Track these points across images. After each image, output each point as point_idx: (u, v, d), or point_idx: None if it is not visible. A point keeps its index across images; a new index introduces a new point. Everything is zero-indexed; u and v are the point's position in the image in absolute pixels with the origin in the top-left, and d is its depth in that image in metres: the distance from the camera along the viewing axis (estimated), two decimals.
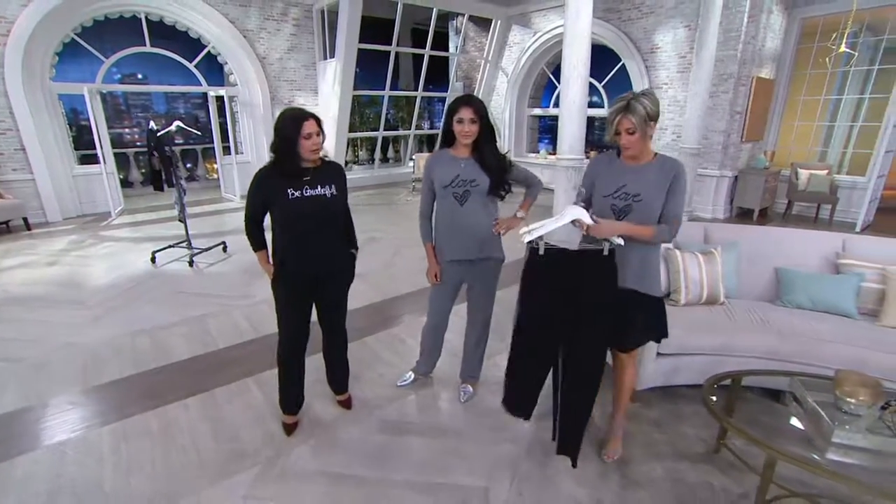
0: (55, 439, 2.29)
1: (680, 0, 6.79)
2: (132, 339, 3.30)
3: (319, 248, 2.12)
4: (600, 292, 1.82)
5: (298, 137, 1.92)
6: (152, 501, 1.93)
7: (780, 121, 7.30)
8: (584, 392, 1.96)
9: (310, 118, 1.95)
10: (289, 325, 2.20)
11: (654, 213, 1.81)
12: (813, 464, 1.63)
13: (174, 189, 4.78)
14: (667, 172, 1.80)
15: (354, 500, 1.92)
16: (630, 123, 1.71)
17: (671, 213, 1.81)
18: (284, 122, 1.94)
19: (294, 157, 1.97)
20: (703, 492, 1.97)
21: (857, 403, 1.73)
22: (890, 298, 2.44)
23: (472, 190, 2.19)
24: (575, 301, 1.84)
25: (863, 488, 1.55)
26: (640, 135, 1.73)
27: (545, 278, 1.88)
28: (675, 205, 1.81)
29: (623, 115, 1.71)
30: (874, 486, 1.53)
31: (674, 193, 1.79)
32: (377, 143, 9.86)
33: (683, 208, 1.87)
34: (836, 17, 5.98)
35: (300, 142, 1.93)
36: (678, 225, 1.84)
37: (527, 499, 1.93)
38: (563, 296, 1.85)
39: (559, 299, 1.86)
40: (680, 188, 1.80)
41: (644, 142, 1.77)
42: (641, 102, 1.68)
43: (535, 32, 9.11)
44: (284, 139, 1.93)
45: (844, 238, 2.77)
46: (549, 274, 1.86)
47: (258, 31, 7.84)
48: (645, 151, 1.83)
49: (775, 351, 2.37)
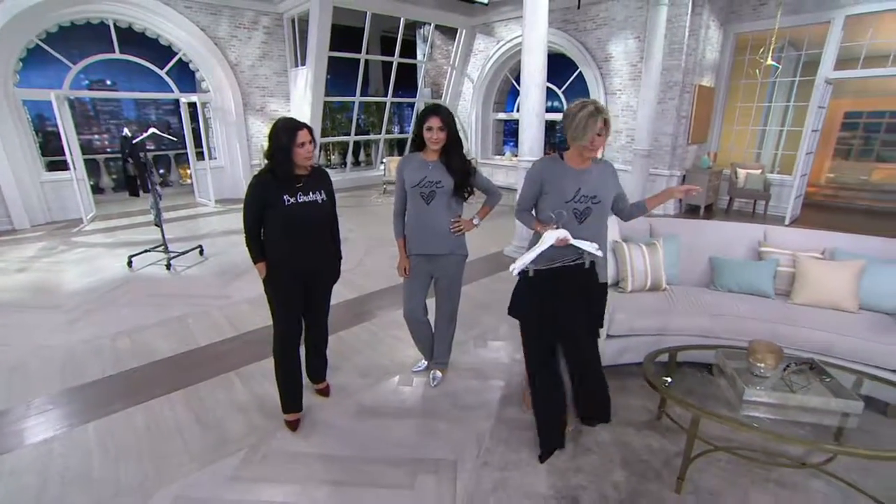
0: (39, 437, 2.36)
1: (629, 14, 7.27)
2: (112, 340, 3.37)
3: (312, 249, 2.28)
4: (587, 297, 2.10)
5: (293, 146, 2.08)
6: (142, 486, 2.05)
7: (720, 125, 7.90)
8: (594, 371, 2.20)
9: (303, 128, 2.10)
10: (285, 323, 2.33)
11: (608, 211, 2.08)
12: (728, 418, 1.93)
13: (150, 194, 4.82)
14: (610, 172, 2.10)
15: (335, 478, 2.10)
16: (606, 131, 1.94)
17: (625, 200, 2.21)
18: (279, 132, 2.07)
19: (289, 165, 2.12)
20: (644, 453, 2.26)
21: (765, 367, 2.05)
22: (799, 280, 2.82)
23: (438, 190, 2.42)
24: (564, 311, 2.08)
25: (767, 434, 1.87)
26: (601, 144, 1.97)
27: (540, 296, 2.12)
28: (624, 196, 2.20)
29: (600, 117, 1.91)
30: (774, 432, 1.85)
31: (618, 187, 2.17)
32: (349, 147, 10.01)
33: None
34: (763, 34, 6.57)
35: (295, 150, 2.09)
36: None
37: (491, 467, 2.16)
38: (553, 309, 2.09)
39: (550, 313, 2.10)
40: (618, 182, 2.17)
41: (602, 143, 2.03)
42: (605, 110, 1.94)
43: (499, 41, 9.48)
44: (280, 148, 2.08)
45: (766, 229, 3.15)
46: (543, 292, 2.11)
47: (229, 38, 7.89)
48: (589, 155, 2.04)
49: (708, 329, 2.70)
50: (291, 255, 2.24)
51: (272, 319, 2.35)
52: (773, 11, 6.21)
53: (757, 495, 1.99)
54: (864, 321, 2.60)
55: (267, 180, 2.14)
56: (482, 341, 3.32)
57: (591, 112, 1.90)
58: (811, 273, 2.79)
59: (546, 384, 2.19)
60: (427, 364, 2.95)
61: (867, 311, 2.69)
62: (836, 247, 2.91)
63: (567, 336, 2.14)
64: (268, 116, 8.65)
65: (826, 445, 1.87)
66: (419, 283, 2.63)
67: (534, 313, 2.16)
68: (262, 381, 2.86)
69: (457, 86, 10.50)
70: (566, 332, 2.13)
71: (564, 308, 2.09)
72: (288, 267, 2.25)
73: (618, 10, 7.35)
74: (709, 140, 7.83)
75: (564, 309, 2.09)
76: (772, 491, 2.02)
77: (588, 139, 1.94)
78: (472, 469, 2.15)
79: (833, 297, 2.71)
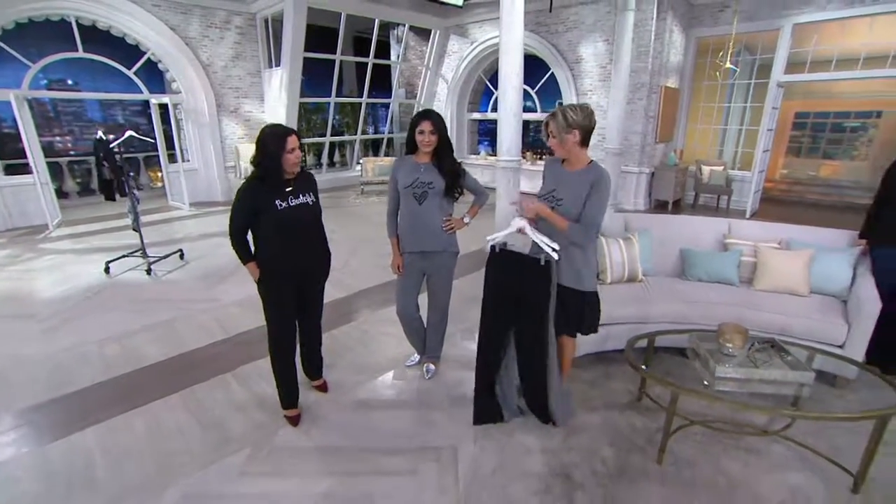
0: (33, 445, 2.35)
1: (598, 17, 7.57)
2: (99, 346, 3.33)
3: (305, 250, 2.36)
4: (536, 291, 2.21)
5: (283, 152, 2.14)
6: (148, 486, 2.09)
7: (685, 124, 8.34)
8: (537, 368, 2.35)
9: (292, 134, 2.18)
10: (281, 322, 2.40)
11: (571, 216, 2.10)
12: (703, 393, 2.14)
13: (127, 198, 4.73)
14: (586, 182, 2.06)
15: (341, 468, 2.19)
16: (551, 127, 2.08)
17: (586, 217, 2.05)
18: (267, 138, 2.14)
19: (279, 171, 2.18)
20: (628, 431, 2.45)
21: (732, 347, 2.26)
22: (759, 268, 3.09)
23: (430, 191, 2.54)
24: (517, 296, 2.25)
25: (736, 405, 2.08)
26: (558, 140, 2.09)
27: (499, 274, 2.29)
28: (589, 208, 2.03)
29: (550, 119, 2.09)
30: (743, 402, 2.07)
31: (590, 199, 2.03)
32: (325, 148, 9.96)
33: (600, 215, 2.08)
34: (722, 38, 6.98)
35: (284, 156, 2.15)
36: (592, 229, 2.07)
37: (489, 451, 2.30)
38: (510, 290, 2.27)
39: (507, 293, 2.28)
40: (597, 195, 2.02)
41: (565, 147, 2.10)
42: (565, 111, 2.03)
43: (472, 42, 9.64)
44: (269, 154, 2.14)
45: (730, 222, 3.42)
46: (502, 270, 2.28)
47: (201, 38, 7.73)
48: (575, 157, 2.13)
49: (682, 315, 2.93)
50: (285, 257, 2.30)
51: (265, 320, 2.40)
52: (731, 18, 6.62)
53: (728, 461, 2.22)
54: (814, 303, 2.88)
55: (256, 187, 2.18)
56: (470, 334, 3.45)
57: (549, 114, 2.11)
58: (770, 262, 3.06)
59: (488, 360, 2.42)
60: (420, 358, 3.06)
61: (817, 295, 2.98)
62: (790, 237, 3.20)
63: (520, 327, 2.32)
64: (242, 118, 8.53)
65: (784, 411, 2.12)
66: (412, 281, 2.74)
67: (492, 288, 2.34)
68: (258, 380, 2.91)
69: (431, 86, 10.61)
70: (520, 323, 2.31)
71: (524, 299, 2.25)
72: (282, 268, 2.31)
73: (587, 14, 7.64)
74: (675, 138, 8.24)
75: (524, 300, 2.25)
76: (741, 457, 2.24)
77: (547, 140, 2.16)
78: (471, 454, 2.28)
79: (788, 282, 2.99)
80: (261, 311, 2.40)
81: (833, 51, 6.69)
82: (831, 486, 2.08)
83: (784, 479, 2.13)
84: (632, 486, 2.08)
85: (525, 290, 2.24)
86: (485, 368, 2.45)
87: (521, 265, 2.24)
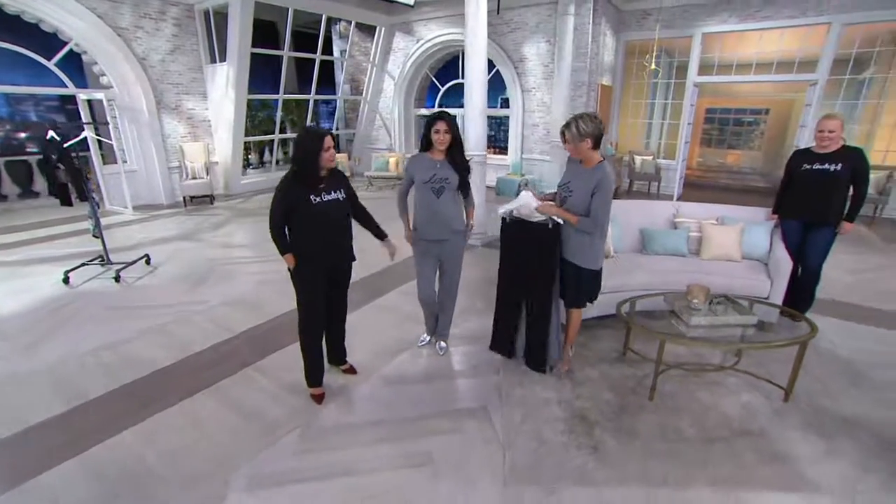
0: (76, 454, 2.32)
1: (540, 20, 8.18)
2: (93, 356, 3.23)
3: (337, 241, 2.58)
4: (544, 253, 2.66)
5: (321, 151, 2.36)
6: (209, 475, 2.18)
7: (618, 118, 9.27)
8: (541, 323, 2.83)
9: (328, 134, 2.39)
10: (315, 309, 2.61)
11: (579, 207, 2.56)
12: (682, 337, 2.68)
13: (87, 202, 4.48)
14: (592, 179, 2.48)
15: (392, 436, 2.45)
16: (567, 136, 2.53)
17: (593, 210, 2.48)
18: (307, 139, 2.35)
19: (316, 168, 2.38)
20: (621, 379, 2.95)
21: (698, 302, 2.84)
22: (704, 241, 3.76)
23: (446, 186, 2.84)
24: (528, 260, 2.69)
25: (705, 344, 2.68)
26: (573, 146, 2.54)
27: (512, 239, 2.78)
28: (595, 206, 2.47)
29: (566, 129, 2.52)
30: (709, 341, 2.68)
31: (595, 198, 2.46)
32: (275, 145, 9.70)
33: (603, 211, 2.47)
34: (646, 42, 7.92)
35: (322, 155, 2.37)
36: (598, 221, 2.48)
37: (515, 406, 2.68)
38: (522, 251, 2.73)
39: (520, 254, 2.75)
40: (600, 194, 2.43)
41: (580, 152, 2.55)
42: (577, 123, 2.48)
43: (418, 40, 9.89)
44: (308, 153, 2.34)
45: (677, 205, 4.09)
46: (515, 236, 2.76)
47: (134, 29, 7.22)
48: (588, 158, 2.56)
49: (648, 283, 3.49)
50: (321, 247, 2.51)
51: (297, 304, 2.61)
52: (653, 25, 7.51)
53: (699, 392, 2.80)
54: (746, 267, 3.60)
55: (294, 183, 2.38)
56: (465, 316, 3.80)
57: (565, 124, 2.56)
58: (712, 236, 3.74)
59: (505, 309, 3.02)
60: (430, 338, 3.37)
61: (747, 259, 3.71)
62: (724, 215, 3.91)
63: (529, 288, 2.85)
64: (184, 115, 8.10)
65: (741, 345, 2.79)
66: (430, 268, 3.04)
67: (507, 252, 2.91)
68: (281, 371, 3.04)
69: (377, 83, 10.70)
70: (529, 285, 2.85)
71: (534, 260, 2.76)
72: (315, 258, 2.52)
73: (530, 17, 8.21)
74: (609, 131, 9.13)
75: (534, 261, 2.77)
76: (707, 388, 2.84)
77: (563, 144, 2.61)
78: (501, 410, 2.65)
79: (726, 251, 3.68)
80: (255, 309, 2.69)
81: (733, 57, 7.87)
82: (770, 399, 2.74)
83: (738, 398, 2.75)
84: (634, 418, 2.58)
85: (536, 250, 2.73)
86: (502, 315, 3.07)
87: (531, 230, 2.72)
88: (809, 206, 3.44)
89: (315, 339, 2.69)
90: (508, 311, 3.02)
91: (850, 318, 3.76)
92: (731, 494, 2.08)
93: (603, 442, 2.40)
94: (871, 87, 7.62)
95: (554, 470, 2.22)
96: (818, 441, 2.42)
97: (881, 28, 6.82)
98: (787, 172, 3.62)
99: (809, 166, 3.42)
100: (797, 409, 2.66)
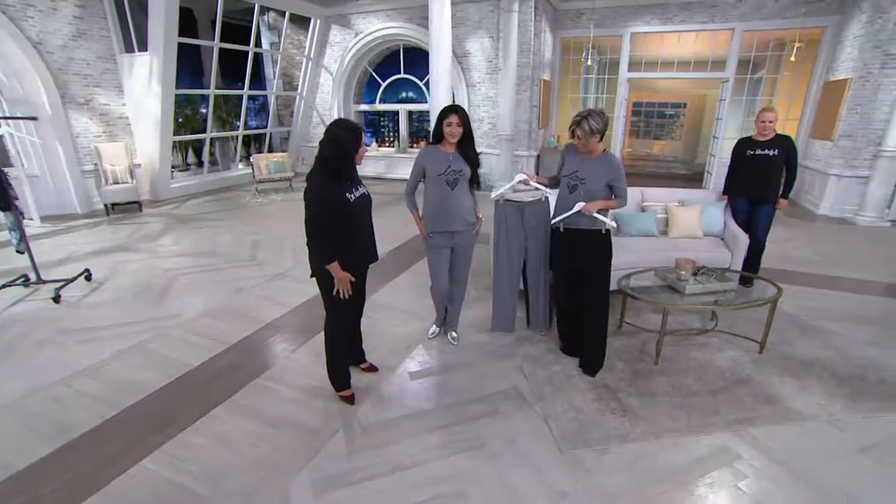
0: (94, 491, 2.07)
1: (482, 16, 8.39)
2: (66, 386, 2.83)
3: (368, 236, 2.53)
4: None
5: (358, 147, 2.30)
6: (263, 486, 2.08)
7: (557, 111, 9.83)
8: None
9: (363, 130, 2.34)
10: (348, 311, 2.53)
11: (592, 192, 2.79)
12: (679, 304, 3.01)
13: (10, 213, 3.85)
14: (607, 166, 2.76)
15: (437, 424, 2.48)
16: (578, 133, 2.71)
17: (620, 190, 2.81)
18: (343, 135, 2.24)
19: (352, 164, 2.32)
20: (625, 349, 3.23)
21: (685, 273, 3.19)
22: (671, 222, 4.21)
23: (460, 178, 2.89)
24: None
25: (694, 308, 3.04)
26: (584, 141, 2.72)
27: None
28: (620, 184, 2.80)
29: (577, 126, 2.69)
30: (696, 305, 3.05)
31: (618, 179, 2.79)
32: (205, 145, 8.91)
33: (626, 186, 2.84)
34: (580, 39, 8.50)
35: (358, 151, 2.31)
36: (625, 197, 2.86)
37: (541, 383, 2.83)
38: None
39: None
40: (621, 175, 2.79)
41: (589, 146, 2.74)
42: (588, 121, 2.65)
43: (357, 34, 9.65)
44: (346, 150, 2.25)
45: (644, 190, 4.49)
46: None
47: (23, 7, 6.12)
48: (594, 149, 2.78)
49: (630, 262, 3.82)
50: (356, 244, 2.44)
51: (327, 310, 2.52)
52: (586, 23, 8.08)
53: (693, 353, 3.17)
54: (708, 242, 4.08)
55: (332, 182, 2.25)
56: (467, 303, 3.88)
57: (575, 121, 2.72)
58: (677, 216, 4.18)
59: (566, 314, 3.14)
60: (439, 330, 3.41)
61: (707, 237, 4.20)
62: (684, 198, 4.39)
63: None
64: (97, 112, 7.16)
65: (727, 307, 3.16)
66: (443, 259, 3.07)
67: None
68: (296, 376, 2.92)
69: (314, 77, 10.28)
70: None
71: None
72: (354, 254, 2.43)
73: (473, 12, 8.39)
74: (550, 124, 9.65)
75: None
76: (698, 349, 3.22)
77: (573, 139, 2.80)
78: (528, 388, 2.79)
79: (691, 230, 4.14)
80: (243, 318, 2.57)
81: (658, 56, 8.71)
82: (747, 352, 3.19)
83: (724, 354, 3.16)
84: (648, 381, 2.86)
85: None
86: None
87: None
88: (754, 186, 3.99)
89: (347, 347, 2.63)
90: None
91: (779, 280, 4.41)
92: (747, 432, 2.41)
93: (629, 405, 2.64)
94: (765, 85, 8.91)
95: (598, 432, 2.41)
96: (792, 381, 2.86)
97: (772, 35, 7.98)
98: (734, 158, 4.15)
99: (752, 152, 3.96)
100: (770, 358, 3.12)
